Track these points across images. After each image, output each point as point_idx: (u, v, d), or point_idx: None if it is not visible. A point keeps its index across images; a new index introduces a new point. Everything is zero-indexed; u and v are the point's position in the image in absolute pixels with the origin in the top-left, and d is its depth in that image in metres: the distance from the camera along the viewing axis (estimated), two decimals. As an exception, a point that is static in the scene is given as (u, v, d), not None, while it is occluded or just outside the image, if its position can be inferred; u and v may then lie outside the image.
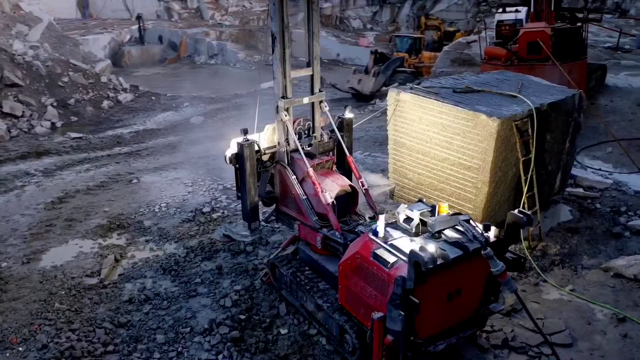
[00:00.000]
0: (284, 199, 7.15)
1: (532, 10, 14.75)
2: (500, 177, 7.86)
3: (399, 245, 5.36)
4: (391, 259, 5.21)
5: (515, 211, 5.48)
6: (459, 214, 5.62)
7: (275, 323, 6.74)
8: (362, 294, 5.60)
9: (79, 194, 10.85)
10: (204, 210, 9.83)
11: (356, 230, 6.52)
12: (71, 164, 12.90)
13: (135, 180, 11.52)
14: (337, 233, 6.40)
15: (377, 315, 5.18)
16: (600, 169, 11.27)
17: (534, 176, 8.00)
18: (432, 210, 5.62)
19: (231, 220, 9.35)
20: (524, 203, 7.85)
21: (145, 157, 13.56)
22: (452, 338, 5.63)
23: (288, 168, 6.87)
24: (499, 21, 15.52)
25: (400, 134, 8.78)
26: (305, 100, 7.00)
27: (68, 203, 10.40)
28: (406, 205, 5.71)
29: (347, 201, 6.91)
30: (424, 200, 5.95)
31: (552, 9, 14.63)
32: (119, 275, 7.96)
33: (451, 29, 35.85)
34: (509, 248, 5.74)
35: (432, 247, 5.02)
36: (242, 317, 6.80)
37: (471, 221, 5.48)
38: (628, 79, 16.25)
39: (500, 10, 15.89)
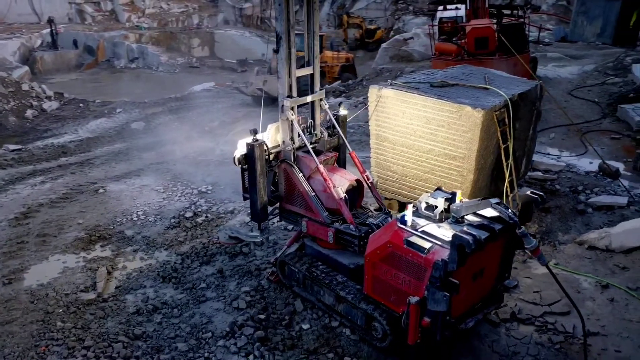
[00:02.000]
0: (290, 197, 7.22)
1: (468, 7, 15.65)
2: (482, 164, 8.36)
3: (430, 231, 5.64)
4: (426, 244, 5.48)
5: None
6: (488, 198, 5.99)
7: (295, 319, 6.80)
8: (393, 281, 5.82)
9: (44, 207, 10.22)
10: (187, 215, 9.62)
11: (367, 222, 6.76)
12: (21, 177, 12.06)
13: (101, 190, 11.00)
14: (351, 226, 6.59)
15: (414, 299, 5.43)
16: (549, 154, 12.23)
17: (512, 162, 8.60)
18: (452, 197, 5.97)
19: (217, 224, 9.25)
20: (506, 188, 8.42)
21: (100, 166, 12.96)
22: (478, 315, 6.02)
23: (295, 166, 6.96)
24: (440, 18, 16.33)
25: (383, 128, 9.07)
26: (309, 98, 7.15)
27: (34, 218, 9.78)
28: (428, 194, 6.01)
29: (353, 195, 7.12)
30: (442, 188, 6.28)
31: (487, 7, 15.61)
32: (116, 287, 7.67)
33: (372, 27, 37.05)
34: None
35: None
36: (262, 316, 6.80)
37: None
38: (556, 69, 17.62)
39: (441, 8, 16.72)
